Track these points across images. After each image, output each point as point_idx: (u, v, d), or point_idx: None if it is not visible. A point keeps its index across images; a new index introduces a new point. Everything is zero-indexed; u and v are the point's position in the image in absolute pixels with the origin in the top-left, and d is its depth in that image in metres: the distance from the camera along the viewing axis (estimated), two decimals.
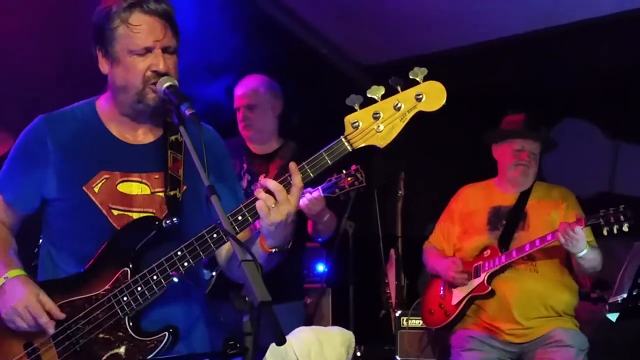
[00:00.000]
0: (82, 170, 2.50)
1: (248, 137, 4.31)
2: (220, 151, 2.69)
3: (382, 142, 2.33)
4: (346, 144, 2.32)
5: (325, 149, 2.32)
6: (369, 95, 2.32)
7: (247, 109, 4.26)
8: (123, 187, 2.51)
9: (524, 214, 4.36)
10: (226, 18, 5.07)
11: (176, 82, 2.43)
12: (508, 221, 4.36)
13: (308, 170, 2.32)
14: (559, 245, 4.07)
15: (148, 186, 2.52)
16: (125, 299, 2.40)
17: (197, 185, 2.27)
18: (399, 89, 2.32)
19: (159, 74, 2.43)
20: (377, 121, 2.31)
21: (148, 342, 2.42)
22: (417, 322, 5.10)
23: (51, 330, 2.41)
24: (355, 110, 2.32)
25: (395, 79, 2.33)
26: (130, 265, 2.43)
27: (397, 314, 5.25)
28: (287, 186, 2.31)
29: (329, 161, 2.32)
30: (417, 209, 5.96)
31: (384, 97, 2.32)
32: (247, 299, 3.54)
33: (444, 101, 2.32)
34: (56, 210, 2.54)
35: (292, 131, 4.50)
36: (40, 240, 2.68)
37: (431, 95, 2.31)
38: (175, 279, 2.38)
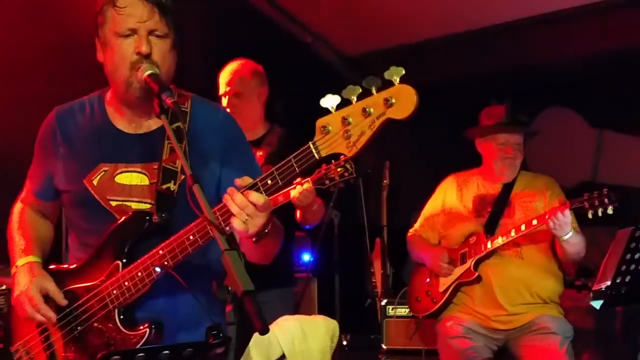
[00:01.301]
0: (83, 163, 2.55)
1: None
2: (233, 132, 2.66)
3: (349, 150, 2.08)
4: (313, 150, 2.13)
5: (294, 155, 2.15)
6: (344, 96, 2.08)
7: (232, 96, 4.22)
8: (122, 178, 2.53)
9: (509, 202, 4.38)
10: (209, 5, 5.05)
11: (157, 70, 2.41)
12: (493, 208, 4.38)
13: (277, 177, 2.19)
14: (545, 232, 4.10)
15: (147, 176, 2.53)
16: (114, 292, 2.43)
17: (198, 173, 2.25)
18: (373, 90, 2.06)
19: (142, 56, 2.42)
20: (346, 127, 2.06)
21: (132, 337, 2.44)
22: (403, 311, 5.10)
23: (52, 316, 2.51)
24: (331, 111, 2.10)
25: (372, 79, 2.06)
26: (123, 259, 2.45)
27: (383, 303, 5.26)
28: (260, 187, 2.20)
29: (296, 169, 2.15)
30: (403, 198, 5.96)
31: (359, 98, 2.07)
32: (229, 288, 3.53)
33: (414, 108, 2.03)
34: (65, 201, 2.63)
35: (277, 119, 4.49)
36: None
37: (401, 101, 2.04)
38: (158, 269, 2.37)
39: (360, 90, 2.07)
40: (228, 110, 4.22)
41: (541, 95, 5.98)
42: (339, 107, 2.10)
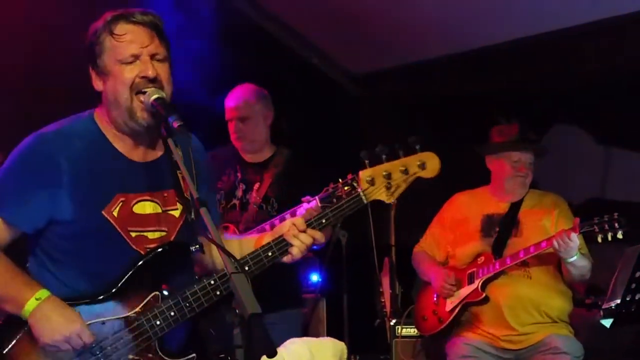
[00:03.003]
0: (98, 193, 2.46)
1: (241, 148, 4.33)
2: (207, 157, 2.75)
3: (389, 198, 2.69)
4: (363, 197, 2.66)
5: (345, 200, 2.67)
6: (377, 152, 2.68)
7: (239, 121, 4.28)
8: (138, 208, 2.50)
9: (517, 221, 4.37)
10: (215, 28, 5.08)
11: (164, 94, 2.42)
12: (501, 228, 4.37)
13: (331, 217, 2.63)
14: (553, 252, 4.08)
15: (159, 205, 2.52)
16: (158, 323, 2.40)
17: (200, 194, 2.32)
18: (400, 153, 2.70)
19: (149, 80, 2.42)
20: (387, 180, 2.67)
21: None
22: (412, 331, 5.08)
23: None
24: (365, 164, 2.68)
25: (399, 144, 2.70)
26: (162, 290, 2.44)
27: (392, 323, 5.24)
28: (315, 226, 2.60)
29: (348, 211, 2.66)
30: (411, 217, 5.95)
31: (388, 157, 2.69)
32: (237, 311, 3.52)
33: (438, 171, 2.73)
34: (68, 231, 2.47)
35: (283, 138, 4.52)
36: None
37: (429, 165, 2.71)
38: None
39: (387, 151, 2.69)
40: (234, 134, 4.29)
41: (548, 112, 5.97)
42: (371, 161, 2.68)
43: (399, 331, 5.16)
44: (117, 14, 2.47)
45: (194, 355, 2.45)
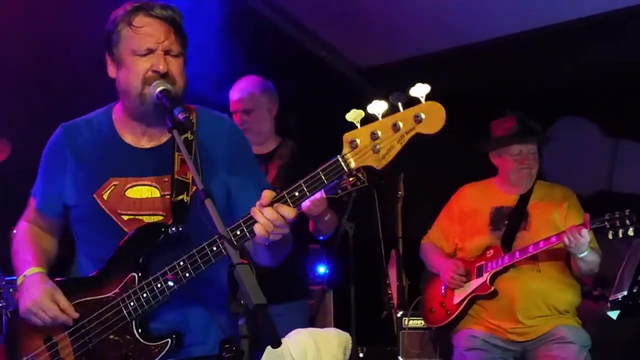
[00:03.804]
0: (93, 177, 2.58)
1: None
2: (239, 141, 2.70)
3: (378, 163, 2.19)
4: (342, 163, 2.21)
5: (322, 167, 2.24)
6: (369, 112, 2.18)
7: (243, 113, 4.29)
8: (132, 192, 2.55)
9: (526, 214, 4.35)
10: (224, 22, 5.10)
11: (169, 86, 2.45)
12: (510, 221, 4.35)
13: (305, 189, 2.26)
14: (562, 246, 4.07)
15: (158, 189, 2.55)
16: (132, 304, 2.45)
17: (207, 182, 2.31)
18: (400, 106, 2.16)
19: (160, 75, 2.45)
20: (374, 141, 2.17)
21: (153, 347, 2.46)
22: (419, 323, 5.10)
23: (75, 314, 2.51)
24: (356, 127, 2.18)
25: (397, 94, 2.16)
26: (138, 271, 2.47)
27: (399, 315, 5.25)
28: (287, 199, 2.27)
29: (325, 181, 2.24)
30: (418, 209, 5.95)
31: (384, 114, 2.18)
32: (242, 302, 3.53)
33: (443, 123, 2.17)
34: (74, 216, 2.64)
35: (290, 132, 4.53)
36: None
37: (431, 117, 2.16)
38: (171, 283, 2.40)
39: (386, 107, 2.17)
40: (240, 126, 4.28)
41: (555, 105, 5.96)
42: (363, 121, 2.18)
43: (406, 323, 5.17)
44: (137, 4, 2.51)
45: (167, 340, 2.46)
